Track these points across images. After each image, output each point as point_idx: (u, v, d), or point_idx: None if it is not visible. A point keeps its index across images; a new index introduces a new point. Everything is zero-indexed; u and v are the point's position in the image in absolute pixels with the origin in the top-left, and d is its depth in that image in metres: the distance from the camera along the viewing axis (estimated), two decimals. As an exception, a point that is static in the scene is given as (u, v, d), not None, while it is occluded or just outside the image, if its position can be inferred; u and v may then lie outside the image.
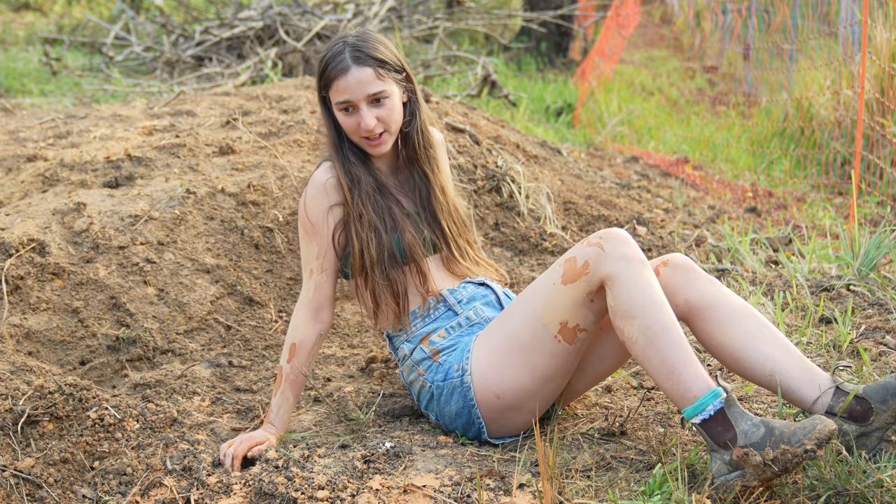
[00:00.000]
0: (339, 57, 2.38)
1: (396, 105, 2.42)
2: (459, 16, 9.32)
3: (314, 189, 2.46)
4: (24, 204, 3.45)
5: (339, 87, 2.38)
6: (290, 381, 2.45)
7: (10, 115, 5.56)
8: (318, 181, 2.47)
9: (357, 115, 2.39)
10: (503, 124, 5.12)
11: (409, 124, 2.50)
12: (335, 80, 2.38)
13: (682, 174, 5.90)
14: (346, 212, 2.45)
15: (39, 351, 2.87)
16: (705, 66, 10.43)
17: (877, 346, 2.83)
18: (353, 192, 2.44)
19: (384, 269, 2.43)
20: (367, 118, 2.38)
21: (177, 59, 7.71)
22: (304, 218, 2.48)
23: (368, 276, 2.44)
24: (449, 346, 2.41)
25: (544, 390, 2.30)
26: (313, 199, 2.46)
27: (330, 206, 2.45)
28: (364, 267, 2.44)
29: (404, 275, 2.46)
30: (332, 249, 2.47)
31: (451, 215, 2.55)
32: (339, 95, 2.39)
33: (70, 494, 2.18)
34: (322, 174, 2.47)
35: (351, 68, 2.36)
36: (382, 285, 2.43)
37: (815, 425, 1.90)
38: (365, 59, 2.37)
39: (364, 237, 2.42)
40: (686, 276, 2.29)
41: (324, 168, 2.49)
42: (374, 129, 2.38)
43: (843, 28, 6.72)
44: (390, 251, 2.42)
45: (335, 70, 2.37)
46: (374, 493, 2.05)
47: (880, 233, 3.55)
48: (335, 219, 2.46)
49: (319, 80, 2.43)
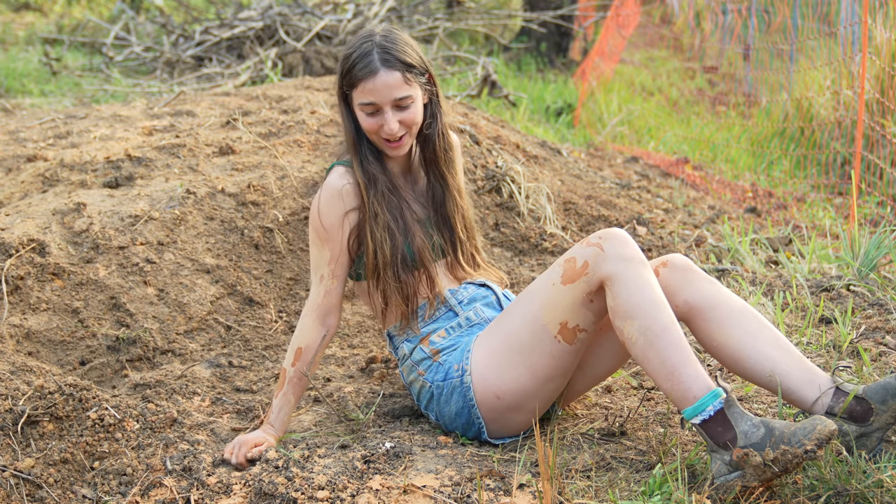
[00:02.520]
0: (368, 58, 2.33)
1: (419, 108, 2.40)
2: (459, 16, 9.32)
3: (329, 194, 2.42)
4: (24, 204, 3.45)
5: (366, 88, 2.34)
6: (293, 383, 2.44)
7: (10, 115, 5.56)
8: (334, 187, 2.43)
9: (380, 117, 2.36)
10: (503, 124, 5.12)
11: (430, 126, 2.48)
12: (362, 81, 2.34)
13: (682, 174, 5.90)
14: (362, 215, 2.43)
15: (39, 351, 2.87)
16: (705, 66, 10.43)
17: (877, 346, 2.83)
18: (370, 192, 2.41)
19: (396, 271, 2.42)
20: (392, 122, 2.35)
21: (177, 59, 7.72)
22: (317, 223, 2.44)
23: (381, 276, 2.43)
24: (449, 346, 2.41)
25: (544, 390, 2.31)
26: (328, 205, 2.42)
27: (346, 211, 2.42)
28: (377, 267, 2.43)
29: (414, 279, 2.45)
30: (347, 254, 2.45)
31: (463, 218, 2.55)
32: (364, 97, 2.35)
33: (70, 494, 2.18)
34: (338, 180, 2.43)
35: (380, 71, 2.32)
36: (394, 287, 2.43)
37: (815, 425, 1.90)
38: (394, 62, 2.33)
39: (379, 237, 2.41)
40: (685, 276, 2.29)
41: (338, 173, 2.45)
42: (396, 133, 2.36)
43: (843, 28, 6.72)
44: (402, 254, 2.42)
45: (363, 71, 2.33)
46: (374, 493, 2.05)
47: (880, 233, 3.55)
48: (350, 224, 2.43)
49: (344, 77, 2.39)
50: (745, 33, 9.26)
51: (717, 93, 9.28)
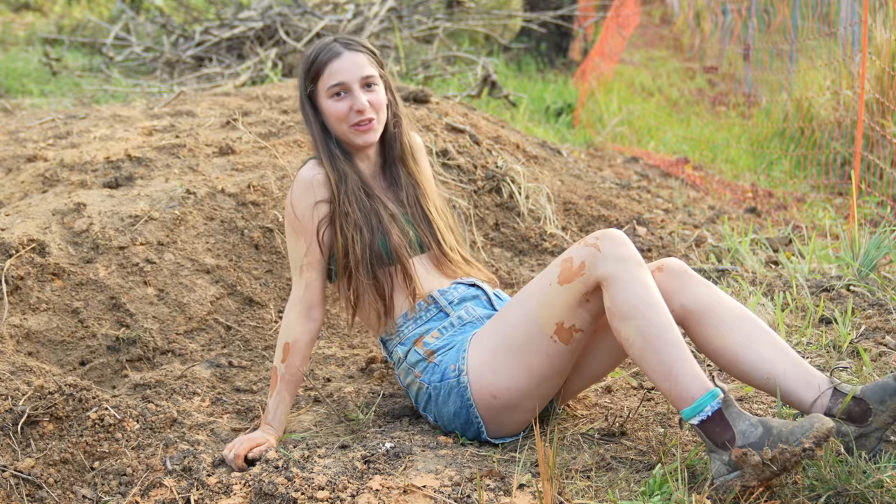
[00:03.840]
0: (329, 46, 2.45)
1: (384, 97, 2.49)
2: (459, 16, 9.31)
3: (300, 186, 2.47)
4: (24, 204, 3.45)
5: (333, 69, 2.42)
6: (285, 381, 2.45)
7: (10, 115, 5.57)
8: (305, 178, 2.47)
9: (350, 97, 2.43)
10: (503, 124, 5.12)
11: (396, 125, 2.56)
12: (328, 64, 2.42)
13: (682, 174, 5.90)
14: (332, 209, 2.46)
15: (39, 351, 2.87)
16: (705, 66, 10.44)
17: (877, 346, 2.83)
18: (340, 188, 2.44)
19: (368, 269, 2.43)
20: (361, 98, 2.42)
21: (177, 59, 7.71)
22: (290, 215, 2.47)
23: (353, 275, 2.45)
24: (443, 345, 2.41)
25: (540, 390, 2.31)
26: (300, 196, 2.46)
27: (316, 202, 2.45)
28: (348, 266, 2.45)
29: (390, 277, 2.46)
30: (318, 246, 2.47)
31: (437, 209, 2.59)
32: (331, 79, 2.42)
33: (70, 495, 2.18)
34: (308, 171, 2.48)
35: (344, 52, 2.44)
36: (367, 284, 2.44)
37: (813, 424, 1.90)
38: (356, 45, 2.46)
39: (349, 236, 2.43)
40: (682, 280, 2.28)
41: (309, 165, 2.50)
42: (366, 110, 2.42)
43: (843, 28, 6.72)
44: (376, 252, 2.43)
45: (327, 55, 2.43)
46: (374, 493, 2.05)
47: (880, 233, 3.55)
48: (320, 215, 2.46)
49: (307, 73, 2.47)
50: (745, 33, 9.26)
51: (717, 93, 9.29)
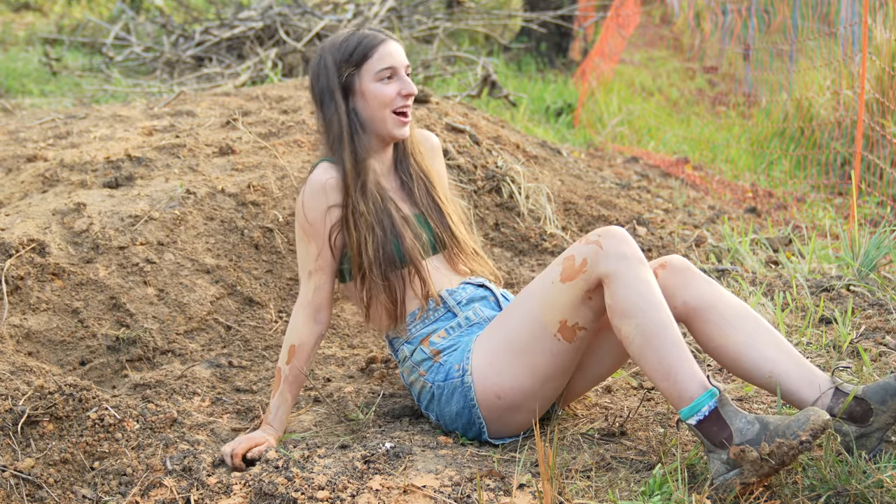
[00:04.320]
0: (370, 33, 2.46)
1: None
2: (459, 16, 9.31)
3: (313, 189, 2.45)
4: (24, 204, 3.45)
5: (382, 53, 2.43)
6: (288, 382, 2.45)
7: (10, 115, 5.56)
8: (317, 181, 2.45)
9: (398, 81, 2.45)
10: (503, 124, 5.12)
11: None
12: (376, 48, 2.43)
13: (682, 174, 5.90)
14: (344, 212, 2.44)
15: (39, 351, 2.87)
16: (705, 66, 10.44)
17: (877, 346, 2.83)
18: (356, 184, 2.43)
19: (381, 270, 2.42)
20: (410, 82, 2.45)
21: (177, 59, 7.71)
22: (301, 218, 2.46)
23: (366, 275, 2.44)
24: (449, 346, 2.41)
25: (544, 389, 2.31)
26: (312, 200, 2.44)
27: (329, 206, 2.44)
28: (361, 266, 2.44)
29: (403, 280, 2.45)
30: (329, 250, 2.47)
31: (448, 201, 2.61)
32: (382, 62, 2.43)
33: (70, 495, 2.18)
34: (321, 174, 2.45)
35: (388, 39, 2.46)
36: (380, 286, 2.43)
37: (809, 416, 1.91)
38: (394, 35, 2.52)
39: (362, 237, 2.42)
40: (684, 278, 2.29)
41: (322, 168, 2.47)
42: (414, 95, 2.45)
43: (843, 28, 6.72)
44: (389, 254, 2.42)
45: (373, 40, 2.44)
46: (374, 493, 2.05)
47: (880, 233, 3.55)
48: (332, 220, 2.45)
49: (349, 58, 2.44)
50: (745, 33, 9.26)
51: (717, 93, 9.29)
